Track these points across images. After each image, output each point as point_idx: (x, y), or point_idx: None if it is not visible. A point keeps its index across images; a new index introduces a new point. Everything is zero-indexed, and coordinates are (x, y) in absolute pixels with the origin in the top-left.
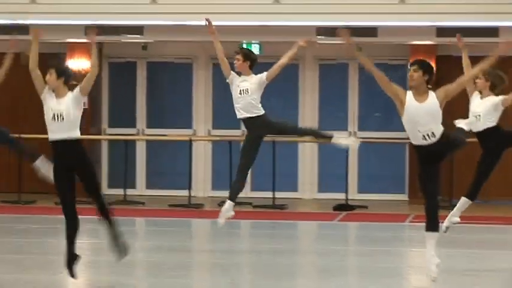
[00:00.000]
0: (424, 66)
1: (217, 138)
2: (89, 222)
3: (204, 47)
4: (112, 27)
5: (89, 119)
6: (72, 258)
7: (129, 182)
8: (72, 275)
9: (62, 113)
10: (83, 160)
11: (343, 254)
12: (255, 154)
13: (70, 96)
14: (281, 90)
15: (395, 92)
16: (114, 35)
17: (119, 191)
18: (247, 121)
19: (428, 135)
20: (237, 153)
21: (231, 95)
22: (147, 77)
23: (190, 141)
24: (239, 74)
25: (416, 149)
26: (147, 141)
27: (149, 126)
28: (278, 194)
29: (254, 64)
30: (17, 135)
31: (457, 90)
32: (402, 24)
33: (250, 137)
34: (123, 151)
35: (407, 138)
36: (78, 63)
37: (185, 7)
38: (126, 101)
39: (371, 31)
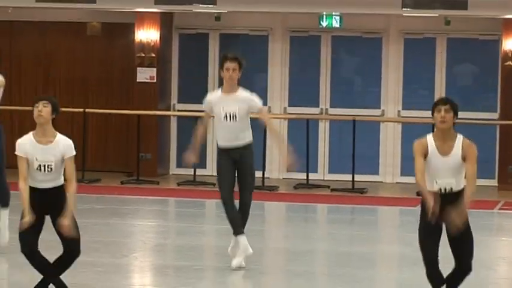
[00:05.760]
0: (455, 107)
1: (294, 116)
2: (154, 204)
3: (281, 18)
4: None
5: (157, 94)
6: None
7: (199, 161)
8: None
9: None
10: None
11: None
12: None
13: None
14: (362, 67)
15: (423, 155)
16: (185, 4)
17: (188, 171)
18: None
19: (445, 188)
20: (314, 132)
21: (309, 70)
22: (219, 50)
23: None
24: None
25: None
26: None
27: None
28: (358, 177)
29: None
30: None
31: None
32: None
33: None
34: (193, 129)
35: (498, 119)
36: (146, 34)
37: None
38: (197, 75)
39: (461, 4)
